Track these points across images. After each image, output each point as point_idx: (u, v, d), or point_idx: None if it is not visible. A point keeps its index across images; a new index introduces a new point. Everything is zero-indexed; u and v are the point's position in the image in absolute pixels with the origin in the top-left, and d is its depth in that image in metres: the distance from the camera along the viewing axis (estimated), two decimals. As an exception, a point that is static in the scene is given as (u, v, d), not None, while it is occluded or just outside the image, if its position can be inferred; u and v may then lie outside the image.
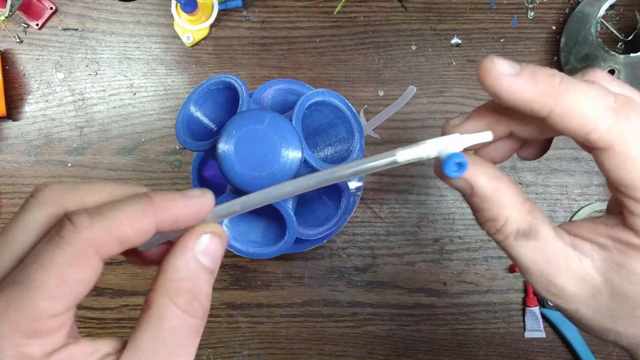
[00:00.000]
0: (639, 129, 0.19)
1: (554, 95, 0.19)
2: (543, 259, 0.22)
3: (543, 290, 0.22)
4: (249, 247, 0.38)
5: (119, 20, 0.58)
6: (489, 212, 0.22)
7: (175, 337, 0.19)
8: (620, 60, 0.50)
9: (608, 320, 0.22)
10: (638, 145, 0.19)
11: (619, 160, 0.19)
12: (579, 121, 0.19)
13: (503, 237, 0.22)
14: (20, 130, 0.58)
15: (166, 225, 0.20)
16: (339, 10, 0.57)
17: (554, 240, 0.22)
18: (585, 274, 0.22)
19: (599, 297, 0.21)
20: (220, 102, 0.39)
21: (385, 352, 0.56)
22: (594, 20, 0.52)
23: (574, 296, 0.22)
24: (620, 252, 0.21)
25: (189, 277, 0.20)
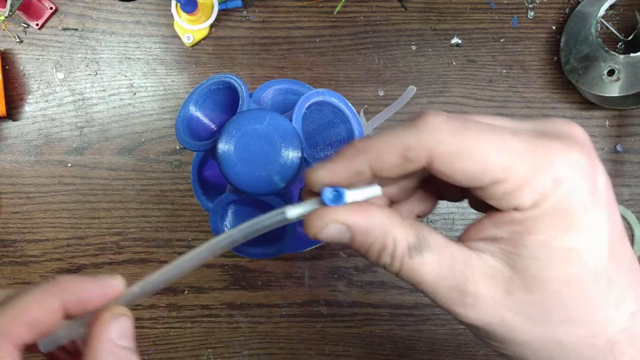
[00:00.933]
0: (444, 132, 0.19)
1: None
2: (445, 269, 0.20)
3: (459, 306, 0.20)
4: (249, 247, 0.38)
5: (119, 20, 0.58)
6: (376, 243, 0.21)
7: None
8: (620, 60, 0.50)
9: (538, 322, 0.20)
10: (455, 141, 0.19)
11: (455, 162, 0.19)
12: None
13: (400, 263, 0.21)
14: (20, 130, 0.58)
15: (73, 306, 0.21)
16: (339, 10, 0.57)
17: (448, 245, 0.21)
18: (491, 269, 0.20)
19: (515, 292, 0.20)
20: (220, 102, 0.39)
21: (385, 352, 0.56)
22: (594, 20, 0.52)
23: (491, 300, 0.20)
24: (511, 234, 0.20)
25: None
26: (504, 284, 0.20)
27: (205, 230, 0.57)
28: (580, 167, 0.19)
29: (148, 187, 0.57)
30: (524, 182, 0.19)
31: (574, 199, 0.19)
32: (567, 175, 0.19)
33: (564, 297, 0.20)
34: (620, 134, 0.55)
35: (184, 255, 0.23)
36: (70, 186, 0.58)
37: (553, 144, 0.19)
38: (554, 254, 0.19)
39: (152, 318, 0.57)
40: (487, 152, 0.19)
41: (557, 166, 0.19)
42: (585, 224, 0.19)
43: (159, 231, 0.57)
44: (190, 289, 0.57)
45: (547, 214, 0.19)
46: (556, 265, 0.19)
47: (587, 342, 0.20)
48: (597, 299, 0.20)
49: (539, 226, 0.19)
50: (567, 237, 0.19)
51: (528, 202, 0.19)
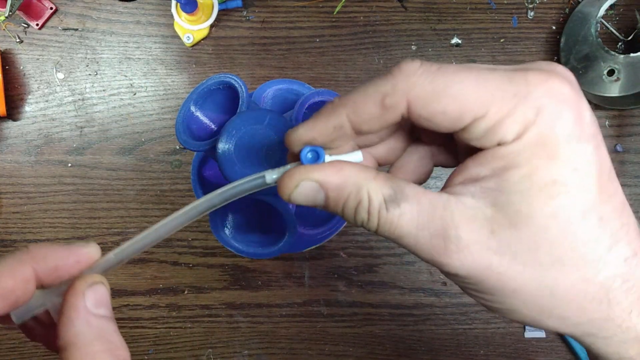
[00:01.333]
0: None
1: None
2: (424, 217, 0.19)
3: (442, 255, 0.19)
4: (249, 247, 0.38)
5: (119, 20, 0.58)
6: (350, 198, 0.20)
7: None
8: (620, 60, 0.50)
9: (527, 264, 0.19)
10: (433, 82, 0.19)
11: (433, 103, 0.19)
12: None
13: (377, 217, 0.20)
14: (20, 130, 0.58)
15: (46, 275, 0.20)
16: (339, 10, 0.57)
17: (425, 194, 0.20)
18: (473, 210, 0.19)
19: (500, 231, 0.19)
20: (220, 102, 0.39)
21: (385, 352, 0.56)
22: (594, 20, 0.52)
23: (475, 243, 0.19)
24: (494, 170, 0.19)
25: (99, 336, 0.19)
26: (487, 224, 0.19)
27: (206, 230, 0.57)
28: (562, 96, 0.18)
29: (148, 187, 0.57)
30: (505, 115, 0.18)
31: (557, 128, 0.18)
32: (548, 103, 0.18)
33: (551, 234, 0.18)
34: (620, 134, 0.55)
35: (160, 221, 0.23)
36: (70, 186, 0.58)
37: (532, 74, 0.19)
38: (536, 187, 0.18)
39: (152, 318, 0.57)
40: (464, 89, 0.18)
41: (537, 95, 0.18)
42: (570, 154, 0.18)
43: (159, 231, 0.57)
44: (190, 289, 0.57)
45: (530, 145, 0.18)
46: (540, 198, 0.18)
47: (578, 288, 0.19)
48: (587, 238, 0.19)
49: (521, 158, 0.18)
50: (550, 168, 0.18)
51: (511, 135, 0.18)
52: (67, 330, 0.19)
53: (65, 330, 0.19)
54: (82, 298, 0.20)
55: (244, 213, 0.39)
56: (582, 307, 0.19)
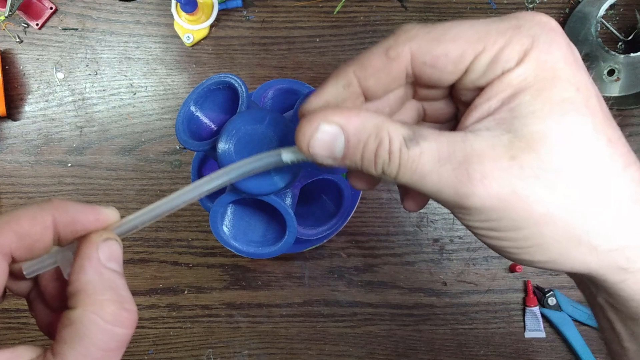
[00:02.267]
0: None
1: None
2: (444, 152, 0.19)
3: (466, 185, 0.19)
4: (249, 247, 0.38)
5: (119, 20, 0.58)
6: (371, 139, 0.20)
7: (104, 351, 0.19)
8: (621, 60, 0.50)
9: (550, 186, 0.19)
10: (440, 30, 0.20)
11: (435, 48, 0.20)
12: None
13: (398, 158, 0.20)
14: (20, 130, 0.58)
15: (65, 226, 0.21)
16: (339, 10, 0.57)
17: (443, 134, 0.20)
18: (490, 139, 0.19)
19: (520, 155, 0.19)
20: (220, 102, 0.39)
21: (385, 352, 0.56)
22: (594, 20, 0.52)
23: (497, 170, 0.19)
24: (503, 100, 0.20)
25: (110, 287, 0.20)
26: (506, 150, 0.19)
27: (206, 230, 0.57)
28: (551, 27, 0.20)
29: (148, 187, 0.57)
30: (503, 45, 0.19)
31: (554, 51, 0.19)
32: (541, 32, 0.20)
33: (570, 152, 0.19)
34: (620, 134, 0.55)
35: (176, 192, 0.23)
36: (70, 186, 0.58)
37: (520, 13, 0.20)
38: (547, 105, 0.19)
39: (152, 318, 0.57)
40: (461, 31, 0.20)
41: (529, 26, 0.20)
42: (570, 75, 0.19)
43: (159, 231, 0.57)
44: (190, 289, 0.57)
45: (532, 68, 0.19)
46: (553, 116, 0.19)
47: (607, 207, 0.19)
48: (603, 155, 0.19)
49: (528, 81, 0.19)
50: (556, 87, 0.19)
51: (512, 62, 0.19)
52: (78, 278, 0.20)
53: (76, 277, 0.20)
54: (96, 250, 0.21)
55: (244, 213, 0.39)
56: (612, 229, 0.19)
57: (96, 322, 0.19)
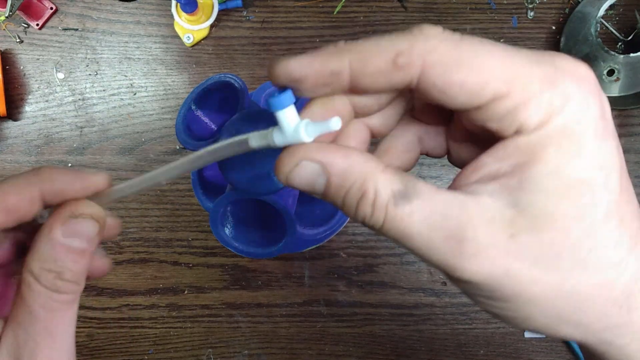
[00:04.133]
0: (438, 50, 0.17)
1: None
2: (437, 217, 0.17)
3: (457, 257, 0.18)
4: (249, 247, 0.38)
5: (119, 20, 0.58)
6: (354, 188, 0.18)
7: (47, 310, 0.21)
8: (620, 60, 0.50)
9: (547, 268, 0.18)
10: (455, 49, 0.17)
11: (452, 72, 0.17)
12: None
13: (384, 213, 0.18)
14: (21, 130, 0.58)
15: (52, 196, 0.22)
16: (339, 10, 0.57)
17: (438, 192, 0.18)
18: (491, 211, 0.17)
19: (520, 235, 0.17)
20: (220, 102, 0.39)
21: (385, 352, 0.56)
22: (593, 20, 0.52)
23: (492, 247, 0.17)
24: (515, 166, 0.17)
25: (53, 259, 0.21)
26: (507, 226, 0.17)
27: (205, 230, 0.57)
28: (590, 87, 0.17)
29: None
30: (530, 97, 0.17)
31: (584, 119, 0.17)
32: (577, 93, 0.17)
33: (574, 237, 0.17)
34: (620, 134, 0.55)
35: (163, 166, 0.23)
36: (71, 186, 0.58)
37: (561, 60, 0.17)
38: (564, 185, 0.17)
39: (152, 318, 0.57)
40: (488, 62, 0.17)
41: (566, 82, 0.17)
42: (596, 150, 0.17)
43: (159, 231, 0.57)
44: (190, 288, 0.57)
45: (555, 136, 0.17)
46: (567, 198, 0.17)
47: (600, 292, 0.18)
48: (609, 241, 0.18)
49: (547, 151, 0.17)
50: (577, 165, 0.17)
51: (534, 120, 0.17)
52: (34, 241, 0.21)
53: (34, 241, 0.21)
54: (59, 225, 0.21)
55: (244, 213, 0.39)
56: (602, 312, 0.18)
57: (35, 286, 0.21)
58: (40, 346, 0.21)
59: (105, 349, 0.57)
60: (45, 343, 0.21)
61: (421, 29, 0.18)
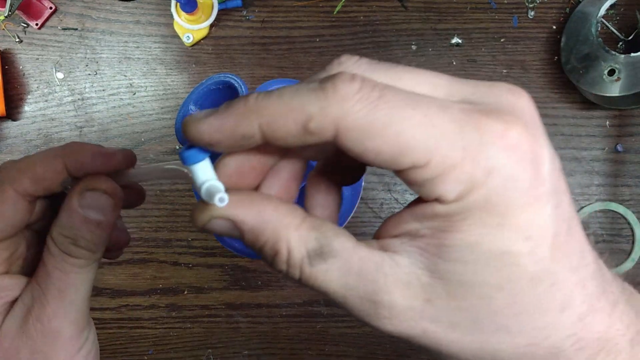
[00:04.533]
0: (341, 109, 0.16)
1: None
2: (353, 278, 0.17)
3: (373, 318, 0.18)
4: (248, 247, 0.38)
5: (118, 19, 0.58)
6: (268, 246, 0.18)
7: (59, 270, 0.23)
8: (621, 60, 0.50)
9: (466, 332, 0.17)
10: (369, 113, 0.16)
11: (367, 140, 0.16)
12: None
13: (298, 269, 0.18)
14: (20, 130, 0.58)
15: (75, 169, 0.24)
16: (339, 10, 0.57)
17: (356, 250, 0.18)
18: (407, 275, 0.17)
19: (436, 301, 0.17)
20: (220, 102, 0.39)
21: (385, 352, 0.56)
22: (594, 20, 0.52)
23: (408, 310, 0.17)
24: (433, 230, 0.17)
25: (70, 227, 0.23)
26: (422, 292, 0.17)
27: (205, 230, 0.57)
28: (519, 153, 0.16)
29: (147, 187, 0.57)
30: (449, 169, 0.16)
31: (510, 192, 0.16)
32: (503, 164, 0.16)
33: (495, 305, 0.17)
34: (620, 134, 0.55)
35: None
36: (70, 186, 0.58)
37: (489, 123, 0.16)
38: (483, 258, 0.16)
39: (152, 318, 0.57)
40: (406, 130, 0.16)
41: (490, 152, 0.16)
42: (523, 222, 0.16)
43: (159, 231, 0.57)
44: (190, 289, 0.57)
45: (475, 209, 0.16)
46: (486, 270, 0.16)
47: (526, 351, 0.18)
48: (536, 306, 0.17)
49: (466, 223, 0.16)
50: (499, 237, 0.16)
51: (452, 193, 0.16)
52: (58, 216, 0.24)
53: (58, 215, 0.24)
54: (77, 197, 0.23)
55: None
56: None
57: (53, 248, 0.23)
58: (50, 301, 0.23)
59: (105, 349, 0.57)
60: (54, 299, 0.23)
61: (335, 86, 0.16)
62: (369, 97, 0.16)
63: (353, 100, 0.16)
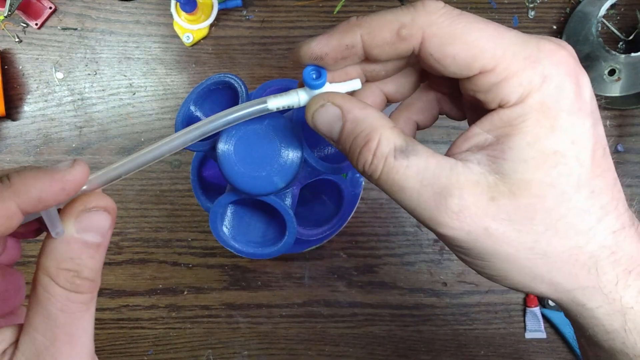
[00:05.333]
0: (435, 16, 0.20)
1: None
2: (429, 174, 0.20)
3: (442, 214, 0.20)
4: (249, 247, 0.38)
5: (118, 19, 0.58)
6: (362, 135, 0.21)
7: (65, 312, 0.20)
8: (621, 60, 0.50)
9: (522, 230, 0.20)
10: (451, 23, 0.20)
11: (447, 45, 0.20)
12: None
13: (382, 163, 0.20)
14: (20, 130, 0.58)
15: (33, 207, 0.19)
16: (339, 10, 0.57)
17: (435, 155, 0.20)
18: (476, 175, 0.20)
19: (499, 199, 0.19)
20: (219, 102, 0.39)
21: (385, 352, 0.56)
22: (594, 20, 0.52)
23: (474, 207, 0.19)
24: (498, 137, 0.20)
25: (70, 257, 0.20)
26: (488, 190, 0.20)
27: (205, 230, 0.57)
28: (567, 69, 0.19)
29: (147, 187, 0.57)
30: (512, 74, 0.19)
31: (560, 98, 0.19)
32: (555, 73, 0.19)
33: (548, 204, 0.19)
34: (621, 134, 0.55)
35: (160, 141, 0.24)
36: (70, 186, 0.57)
37: (544, 42, 0.20)
38: (539, 155, 0.19)
39: (152, 318, 0.57)
40: (479, 39, 0.19)
41: (546, 63, 0.19)
42: (569, 126, 0.19)
43: (159, 231, 0.57)
44: (190, 289, 0.57)
45: (533, 111, 0.19)
46: (542, 167, 0.19)
47: (570, 255, 0.20)
48: (579, 209, 0.20)
49: (525, 125, 0.19)
50: (551, 138, 0.19)
51: (515, 95, 0.19)
52: (47, 239, 0.20)
53: (46, 239, 0.20)
54: (72, 221, 0.20)
55: (243, 213, 0.39)
56: (573, 274, 0.20)
57: (52, 287, 0.19)
58: (61, 350, 0.20)
59: (105, 349, 0.57)
60: (65, 346, 0.20)
61: (423, 3, 0.20)
62: (451, 13, 0.20)
63: (438, 14, 0.20)
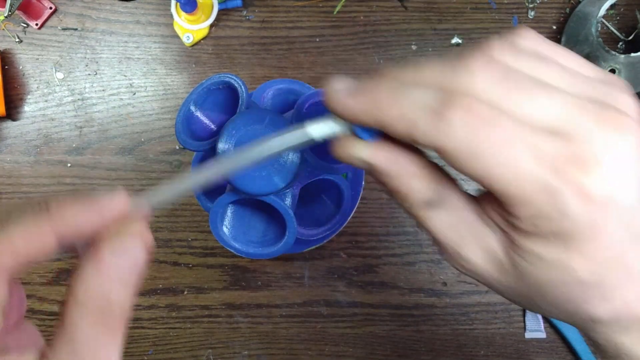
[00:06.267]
0: (456, 125, 0.18)
1: (375, 108, 0.20)
2: (452, 229, 0.21)
3: (454, 261, 0.22)
4: (249, 247, 0.38)
5: (118, 20, 0.58)
6: (390, 184, 0.22)
7: (91, 344, 0.18)
8: (621, 60, 0.50)
9: (525, 299, 0.21)
10: (467, 140, 0.18)
11: (466, 159, 0.18)
12: (402, 125, 0.19)
13: (410, 207, 0.22)
14: (20, 130, 0.58)
15: (69, 234, 0.19)
16: (339, 10, 0.57)
17: (463, 211, 0.21)
18: (490, 248, 0.21)
19: (506, 275, 0.21)
20: (220, 102, 0.39)
21: (385, 352, 0.56)
22: (594, 20, 0.52)
23: (483, 270, 0.21)
24: (510, 230, 0.20)
25: (101, 296, 0.19)
26: (498, 264, 0.21)
27: (205, 230, 0.57)
28: (590, 209, 0.18)
29: (148, 187, 0.57)
30: (537, 214, 0.18)
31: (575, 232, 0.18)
32: (577, 213, 0.18)
33: (551, 296, 0.20)
34: (620, 134, 0.55)
35: (202, 169, 0.23)
36: (70, 186, 0.57)
37: (567, 175, 0.17)
38: (546, 265, 0.19)
39: (152, 318, 0.57)
40: (509, 164, 0.18)
41: (565, 198, 0.18)
42: (586, 249, 0.19)
43: (159, 231, 0.57)
44: (190, 289, 0.57)
45: (547, 235, 0.19)
46: (547, 273, 0.19)
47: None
48: (585, 297, 0.20)
49: (535, 239, 0.19)
50: (562, 254, 0.19)
51: (531, 227, 0.19)
52: (78, 276, 0.19)
53: (77, 275, 0.19)
54: (107, 259, 0.19)
55: (243, 213, 0.39)
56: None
57: (80, 323, 0.19)
58: None
59: (105, 349, 0.57)
60: None
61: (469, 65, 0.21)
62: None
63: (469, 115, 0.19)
